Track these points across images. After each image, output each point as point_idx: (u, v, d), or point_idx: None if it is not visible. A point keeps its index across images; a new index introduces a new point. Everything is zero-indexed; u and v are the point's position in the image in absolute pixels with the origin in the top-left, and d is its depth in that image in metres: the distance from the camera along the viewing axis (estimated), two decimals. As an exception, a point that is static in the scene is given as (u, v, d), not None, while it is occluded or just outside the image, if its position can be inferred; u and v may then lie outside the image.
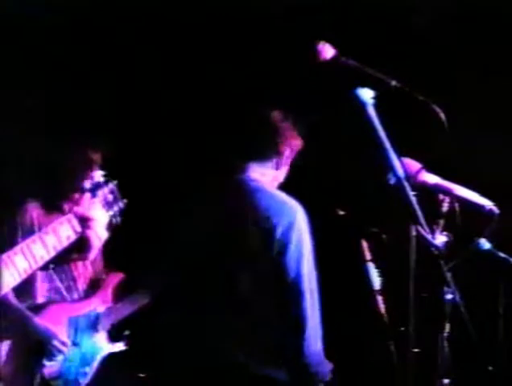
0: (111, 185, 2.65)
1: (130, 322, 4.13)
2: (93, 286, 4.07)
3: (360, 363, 4.72)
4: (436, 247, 2.47)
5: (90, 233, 2.49)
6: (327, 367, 3.21)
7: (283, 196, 3.25)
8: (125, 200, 2.71)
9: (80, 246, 2.51)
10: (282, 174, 3.39)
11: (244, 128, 3.42)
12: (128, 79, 4.97)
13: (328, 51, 2.52)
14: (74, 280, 3.99)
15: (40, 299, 3.85)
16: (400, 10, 4.88)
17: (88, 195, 2.53)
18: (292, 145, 3.37)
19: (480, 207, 3.18)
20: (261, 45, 4.83)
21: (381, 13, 4.85)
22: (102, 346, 4.04)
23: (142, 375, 4.24)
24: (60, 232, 2.40)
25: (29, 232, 3.59)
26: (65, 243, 2.42)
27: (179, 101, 5.05)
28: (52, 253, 2.37)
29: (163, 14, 4.90)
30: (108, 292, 4.09)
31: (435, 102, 2.51)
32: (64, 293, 3.95)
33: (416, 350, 3.25)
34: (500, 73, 4.85)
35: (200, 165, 4.57)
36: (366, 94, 2.47)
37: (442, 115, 2.50)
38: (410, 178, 2.87)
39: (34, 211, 3.88)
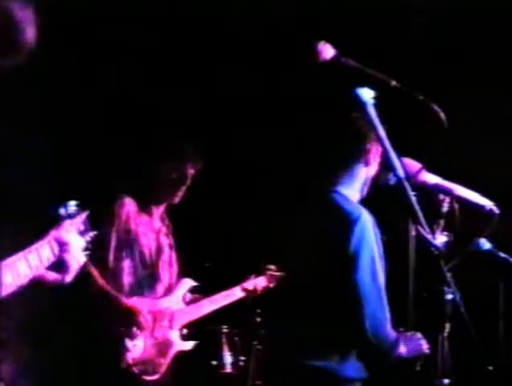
0: (83, 215, 2.81)
1: (199, 324, 4.52)
2: (169, 289, 4.42)
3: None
4: (436, 247, 2.47)
5: (68, 257, 2.66)
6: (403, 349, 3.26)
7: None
8: (94, 232, 2.87)
9: (58, 268, 2.66)
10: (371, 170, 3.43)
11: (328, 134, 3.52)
12: (223, 97, 5.24)
13: (328, 51, 2.51)
14: (157, 280, 4.35)
15: (125, 290, 4.19)
16: (400, 10, 4.88)
17: (67, 222, 2.70)
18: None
19: (480, 207, 3.18)
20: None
21: (382, 13, 4.85)
22: (175, 342, 4.35)
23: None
24: (42, 253, 2.56)
25: (123, 222, 4.19)
26: (46, 264, 2.58)
27: (267, 115, 5.25)
28: (34, 272, 2.52)
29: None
30: (180, 295, 4.43)
31: (435, 102, 2.51)
32: (145, 289, 4.28)
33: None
34: (500, 73, 4.85)
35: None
36: (366, 94, 2.47)
37: (442, 115, 2.50)
38: (410, 178, 2.87)
39: (130, 205, 4.26)
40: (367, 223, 3.24)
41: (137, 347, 4.11)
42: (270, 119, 5.24)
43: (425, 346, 3.26)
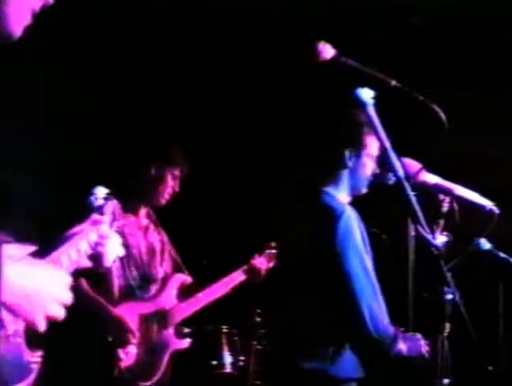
0: (112, 203, 2.76)
1: (194, 320, 4.47)
2: (162, 287, 4.35)
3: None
4: (436, 247, 2.47)
5: (102, 249, 2.62)
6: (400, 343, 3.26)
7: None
8: (121, 221, 2.81)
9: (94, 261, 2.61)
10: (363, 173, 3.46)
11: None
12: (212, 99, 5.28)
13: (328, 51, 2.51)
14: (151, 280, 4.31)
15: (115, 294, 4.15)
16: (400, 10, 4.88)
17: (98, 213, 2.67)
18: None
19: (480, 207, 3.18)
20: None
21: (381, 13, 4.85)
22: (171, 341, 4.30)
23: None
24: (80, 247, 2.53)
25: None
26: (84, 258, 2.55)
27: (259, 115, 5.30)
28: (74, 266, 2.49)
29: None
30: (173, 292, 4.36)
31: (435, 102, 2.51)
32: (137, 291, 4.23)
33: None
34: (500, 73, 4.86)
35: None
36: (366, 94, 2.47)
37: (442, 115, 2.50)
38: (410, 178, 2.87)
39: (114, 208, 4.11)
40: (351, 218, 3.32)
41: (129, 355, 4.08)
42: (272, 118, 5.25)
43: (424, 347, 3.27)
